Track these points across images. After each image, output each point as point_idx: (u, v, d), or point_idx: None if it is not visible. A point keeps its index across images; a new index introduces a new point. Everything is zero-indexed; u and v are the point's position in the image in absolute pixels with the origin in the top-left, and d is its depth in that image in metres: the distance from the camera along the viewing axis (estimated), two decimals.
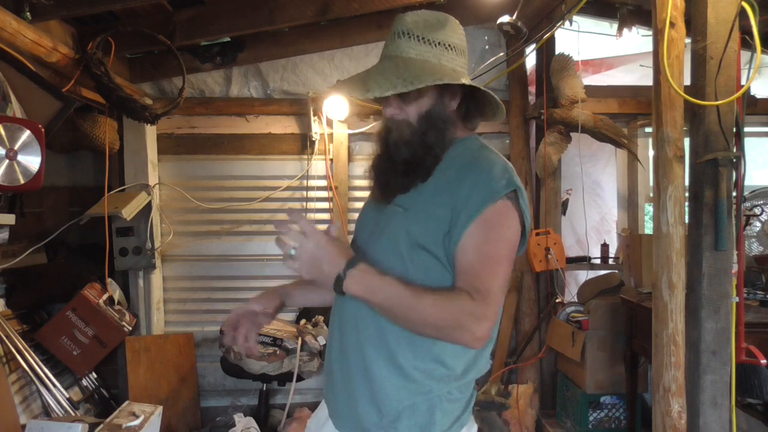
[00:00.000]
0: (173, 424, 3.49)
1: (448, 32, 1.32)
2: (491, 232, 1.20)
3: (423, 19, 1.31)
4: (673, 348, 2.11)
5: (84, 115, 3.24)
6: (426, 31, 1.29)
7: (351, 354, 1.31)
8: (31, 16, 2.39)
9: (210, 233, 3.77)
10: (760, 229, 3.44)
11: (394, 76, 1.22)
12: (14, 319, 3.19)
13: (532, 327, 3.66)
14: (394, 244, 1.26)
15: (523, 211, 1.25)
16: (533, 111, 3.57)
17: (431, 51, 1.28)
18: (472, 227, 1.19)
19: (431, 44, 1.28)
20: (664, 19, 2.08)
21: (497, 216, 1.20)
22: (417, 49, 1.27)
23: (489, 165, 1.27)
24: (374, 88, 1.21)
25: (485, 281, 1.15)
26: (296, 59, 3.69)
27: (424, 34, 1.28)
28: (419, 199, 1.28)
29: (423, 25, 1.29)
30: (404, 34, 1.28)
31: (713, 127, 2.00)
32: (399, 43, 1.28)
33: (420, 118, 1.28)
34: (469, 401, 1.33)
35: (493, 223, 1.20)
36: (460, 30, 1.36)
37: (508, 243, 1.22)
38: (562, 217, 3.77)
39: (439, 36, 1.30)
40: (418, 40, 1.28)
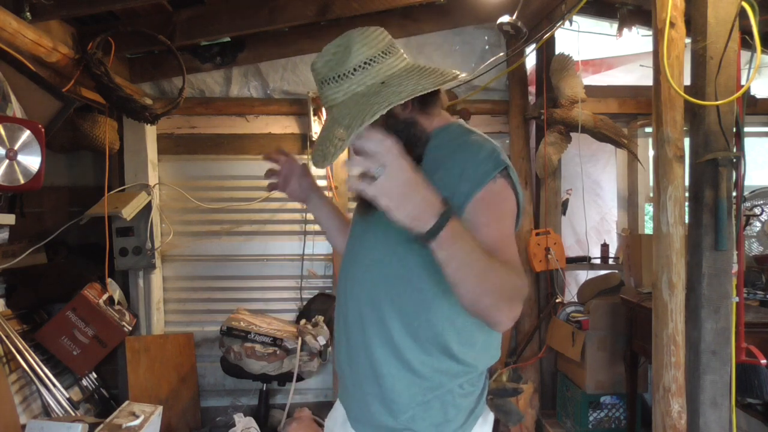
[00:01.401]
0: (173, 424, 3.49)
1: (355, 52, 1.23)
2: (493, 211, 1.18)
3: (330, 55, 1.26)
4: (673, 348, 2.11)
5: (84, 115, 3.24)
6: (337, 66, 1.24)
7: (359, 355, 1.31)
8: (31, 16, 2.39)
9: (210, 233, 3.77)
10: (760, 229, 3.44)
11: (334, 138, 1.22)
12: (14, 319, 3.19)
13: (532, 327, 3.66)
14: (388, 241, 1.25)
15: (516, 187, 1.23)
16: (533, 111, 3.57)
17: (354, 80, 1.23)
18: (471, 209, 1.17)
19: (349, 76, 1.23)
20: (664, 19, 2.08)
21: (495, 195, 1.19)
22: (341, 88, 1.23)
23: (476, 147, 1.23)
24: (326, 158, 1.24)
25: (508, 253, 1.14)
26: (296, 59, 3.69)
27: (338, 71, 1.23)
28: None
29: (333, 62, 1.25)
30: (324, 82, 1.25)
31: (713, 127, 2.00)
32: (325, 92, 1.26)
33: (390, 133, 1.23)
34: (482, 393, 1.31)
35: (492, 203, 1.18)
36: (368, 34, 1.25)
37: (510, 221, 1.22)
38: (562, 217, 3.77)
39: (351, 62, 1.23)
40: (336, 81, 1.23)
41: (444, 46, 3.74)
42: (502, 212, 1.20)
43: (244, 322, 3.21)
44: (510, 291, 1.07)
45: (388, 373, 1.26)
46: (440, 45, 3.73)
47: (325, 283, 3.80)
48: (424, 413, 1.25)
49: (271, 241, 3.79)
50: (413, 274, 1.22)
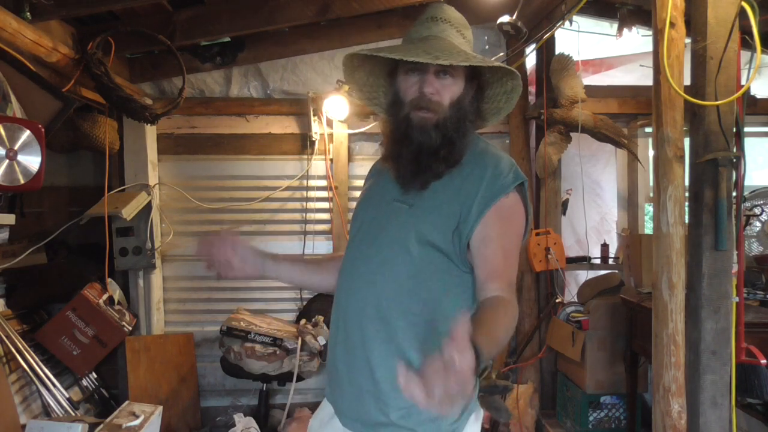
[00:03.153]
0: (173, 424, 3.49)
1: (470, 34, 1.37)
2: (506, 225, 1.25)
3: (458, 16, 1.35)
4: (673, 348, 2.11)
5: (84, 115, 3.24)
6: (462, 27, 1.33)
7: (357, 352, 1.32)
8: (31, 16, 2.39)
9: (210, 233, 3.76)
10: (760, 229, 3.44)
11: (454, 50, 1.22)
12: (14, 319, 3.19)
13: (532, 327, 3.66)
14: (401, 241, 1.27)
15: (527, 203, 1.31)
16: (533, 111, 3.57)
17: (467, 45, 1.32)
18: (487, 219, 1.23)
19: (466, 40, 1.33)
20: (664, 19, 2.08)
21: (508, 209, 1.26)
22: (458, 39, 1.29)
23: (496, 160, 1.30)
24: (444, 57, 1.18)
25: (509, 275, 1.22)
26: (296, 59, 3.69)
27: (461, 30, 1.32)
28: (426, 195, 1.29)
29: (460, 21, 1.34)
30: (446, 21, 1.30)
31: (713, 127, 2.00)
32: (444, 27, 1.29)
33: (452, 104, 1.28)
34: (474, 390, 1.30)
35: (506, 216, 1.25)
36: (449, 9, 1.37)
37: (519, 236, 1.29)
38: (562, 217, 3.77)
39: (468, 35, 1.35)
40: (458, 32, 1.31)
41: None
42: (512, 227, 1.27)
43: (244, 322, 3.21)
44: (513, 325, 1.17)
45: (387, 372, 1.26)
46: None
47: None
48: (420, 410, 1.22)
49: (271, 241, 3.79)
50: (424, 275, 1.25)
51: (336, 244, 3.72)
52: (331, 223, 3.73)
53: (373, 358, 1.28)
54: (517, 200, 1.28)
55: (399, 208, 1.31)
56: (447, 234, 1.24)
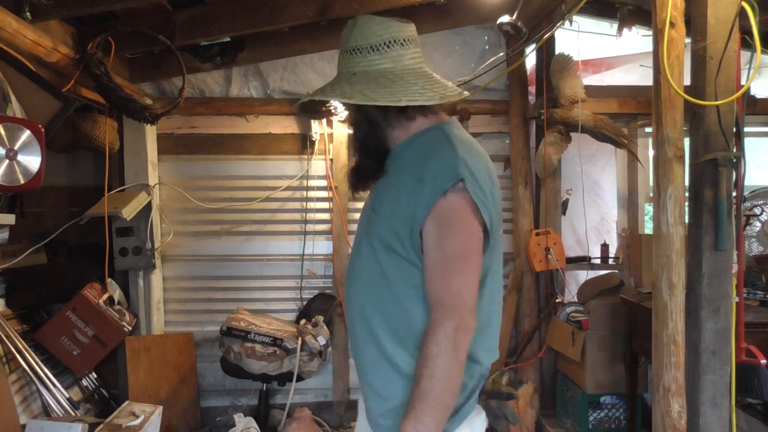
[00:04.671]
0: (173, 424, 3.49)
1: (351, 37, 1.29)
2: (446, 228, 1.20)
3: (344, 29, 1.32)
4: (673, 348, 2.11)
5: (84, 115, 3.24)
6: (343, 42, 1.30)
7: (357, 350, 1.39)
8: (31, 16, 2.39)
9: (210, 233, 3.77)
10: (760, 229, 3.44)
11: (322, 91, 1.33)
12: (14, 319, 3.19)
13: (532, 327, 3.66)
14: (368, 244, 1.32)
15: (475, 200, 1.21)
16: (533, 111, 3.57)
17: (341, 60, 1.31)
18: (427, 225, 1.21)
19: (342, 54, 1.31)
20: (664, 19, 2.08)
21: (446, 212, 1.20)
22: (340, 63, 1.32)
23: (437, 159, 1.25)
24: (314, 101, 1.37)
25: (447, 286, 1.20)
26: (296, 59, 3.69)
27: (342, 46, 1.31)
28: (384, 201, 1.31)
29: (342, 37, 1.31)
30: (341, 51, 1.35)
31: (713, 127, 2.00)
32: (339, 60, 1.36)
33: (353, 126, 1.37)
34: (472, 391, 1.33)
35: (446, 219, 1.20)
36: (370, 25, 1.28)
37: (466, 236, 1.22)
38: (562, 217, 3.77)
39: (345, 44, 1.30)
40: (341, 54, 1.32)
41: (444, 46, 3.74)
42: (455, 230, 1.21)
43: (244, 322, 3.21)
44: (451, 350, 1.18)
45: (378, 372, 1.32)
46: (440, 45, 3.73)
47: (325, 283, 3.80)
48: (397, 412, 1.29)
49: (271, 241, 3.79)
50: (392, 281, 1.28)
51: (336, 244, 3.72)
52: (331, 223, 3.73)
53: (367, 361, 1.35)
54: (457, 200, 1.20)
55: (369, 214, 1.36)
56: (404, 239, 1.25)
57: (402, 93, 1.24)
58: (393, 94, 1.23)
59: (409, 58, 1.29)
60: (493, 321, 1.37)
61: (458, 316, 1.19)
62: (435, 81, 1.31)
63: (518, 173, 3.72)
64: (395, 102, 1.23)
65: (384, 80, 1.25)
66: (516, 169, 3.73)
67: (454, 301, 1.19)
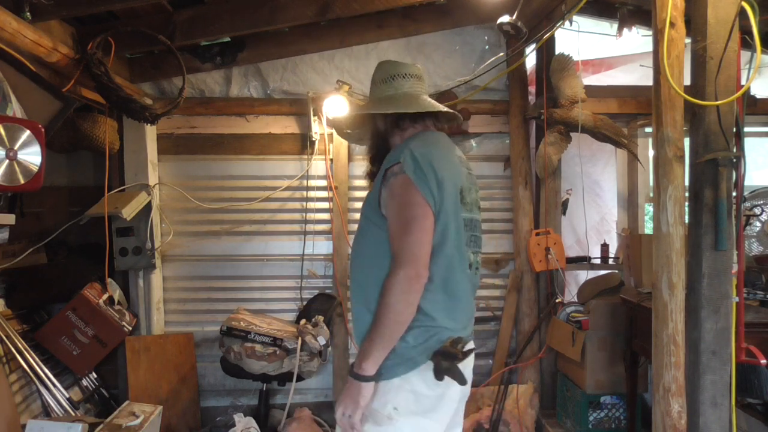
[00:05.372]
0: (173, 424, 3.49)
1: (375, 72, 1.83)
2: (395, 201, 1.59)
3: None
4: (673, 348, 2.11)
5: (84, 115, 3.24)
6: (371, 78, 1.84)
7: (352, 300, 1.75)
8: (31, 16, 2.39)
9: (210, 233, 3.77)
10: (760, 229, 3.44)
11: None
12: (14, 319, 3.19)
13: (532, 327, 3.66)
14: (364, 224, 1.72)
15: (411, 177, 1.56)
16: (533, 111, 3.57)
17: (370, 92, 1.85)
18: (382, 200, 1.62)
19: (370, 86, 1.85)
20: (664, 19, 2.08)
21: (394, 188, 1.59)
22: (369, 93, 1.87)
23: (394, 151, 1.68)
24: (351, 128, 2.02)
25: (400, 244, 1.54)
26: (296, 59, 3.69)
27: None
28: (371, 187, 1.73)
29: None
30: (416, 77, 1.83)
31: (713, 127, 2.00)
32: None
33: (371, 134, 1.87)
34: (429, 348, 1.58)
35: (394, 194, 1.59)
36: (380, 66, 1.83)
37: (408, 205, 1.56)
38: (562, 217, 3.77)
39: (372, 78, 1.84)
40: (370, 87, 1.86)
41: (444, 46, 3.74)
42: (400, 203, 1.57)
43: (244, 322, 3.21)
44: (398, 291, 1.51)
45: (359, 315, 1.68)
46: (440, 45, 3.73)
47: (325, 283, 3.80)
48: None
49: (271, 241, 3.79)
50: (373, 245, 1.64)
51: (336, 244, 3.72)
52: (332, 223, 3.73)
53: (353, 298, 1.74)
54: (402, 179, 1.57)
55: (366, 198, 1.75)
56: (377, 212, 1.63)
57: (393, 107, 1.73)
58: (387, 108, 1.74)
59: (407, 87, 1.77)
60: (461, 298, 1.65)
61: (408, 265, 1.51)
62: (423, 100, 1.75)
63: (518, 173, 3.72)
64: (385, 110, 1.74)
65: (387, 101, 1.76)
66: (516, 169, 3.73)
67: (405, 254, 1.52)
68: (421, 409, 1.58)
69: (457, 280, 1.62)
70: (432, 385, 1.57)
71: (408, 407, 1.57)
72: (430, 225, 1.55)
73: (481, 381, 3.69)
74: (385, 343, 1.53)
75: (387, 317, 1.51)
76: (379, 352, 1.53)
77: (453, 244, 1.60)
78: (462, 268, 1.64)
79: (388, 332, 1.52)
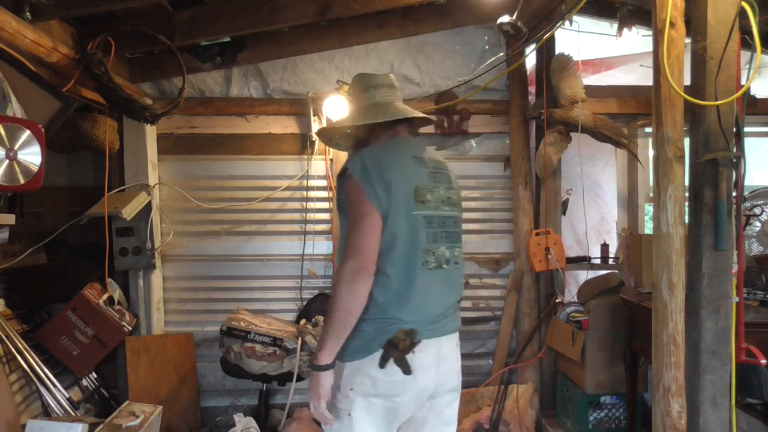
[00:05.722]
0: (173, 424, 3.49)
1: (351, 84, 1.98)
2: (345, 202, 1.75)
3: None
4: (673, 348, 2.11)
5: (84, 115, 3.24)
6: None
7: None
8: (31, 16, 2.39)
9: (210, 233, 3.77)
10: (760, 229, 3.44)
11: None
12: (14, 319, 3.19)
13: (532, 327, 3.66)
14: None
15: (358, 180, 1.70)
16: (533, 111, 3.57)
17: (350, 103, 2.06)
18: (340, 201, 1.80)
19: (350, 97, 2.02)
20: (664, 19, 2.08)
21: (345, 190, 1.76)
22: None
23: (350, 156, 1.84)
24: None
25: (348, 240, 1.70)
26: (296, 59, 3.69)
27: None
28: None
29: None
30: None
31: (713, 127, 2.00)
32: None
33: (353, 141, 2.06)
34: (384, 339, 1.69)
35: (345, 196, 1.76)
36: (361, 77, 1.95)
37: (356, 206, 1.71)
38: (562, 217, 3.77)
39: (349, 91, 2.01)
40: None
41: (444, 46, 3.74)
42: (349, 204, 1.74)
43: (244, 322, 3.21)
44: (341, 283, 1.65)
45: None
46: (440, 45, 3.73)
47: (325, 283, 3.80)
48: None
49: (271, 241, 3.79)
50: (340, 250, 1.76)
51: (336, 244, 3.72)
52: (332, 223, 3.73)
53: None
54: (350, 183, 1.72)
55: None
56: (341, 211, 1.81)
57: (365, 118, 1.87)
58: (359, 119, 1.89)
59: (379, 97, 1.89)
60: (422, 292, 1.72)
61: (352, 259, 1.65)
62: (394, 108, 1.87)
63: (518, 173, 3.72)
64: (356, 122, 1.90)
65: (361, 112, 1.90)
66: (516, 169, 3.73)
67: (350, 249, 1.67)
68: (376, 391, 1.71)
69: (414, 275, 1.71)
70: (390, 372, 1.69)
71: (363, 389, 1.71)
72: (373, 223, 1.68)
73: (481, 381, 3.69)
74: (335, 332, 1.67)
75: (334, 307, 1.66)
76: (331, 341, 1.67)
77: (406, 241, 1.70)
78: (420, 264, 1.72)
79: (336, 321, 1.66)
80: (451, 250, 1.82)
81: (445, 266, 1.78)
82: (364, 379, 1.70)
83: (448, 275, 1.80)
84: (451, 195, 1.87)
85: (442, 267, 1.78)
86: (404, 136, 1.91)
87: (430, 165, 1.84)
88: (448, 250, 1.81)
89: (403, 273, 1.70)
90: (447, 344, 1.82)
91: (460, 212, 1.93)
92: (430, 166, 1.84)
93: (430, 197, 1.78)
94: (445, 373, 1.80)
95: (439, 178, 1.85)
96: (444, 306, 1.81)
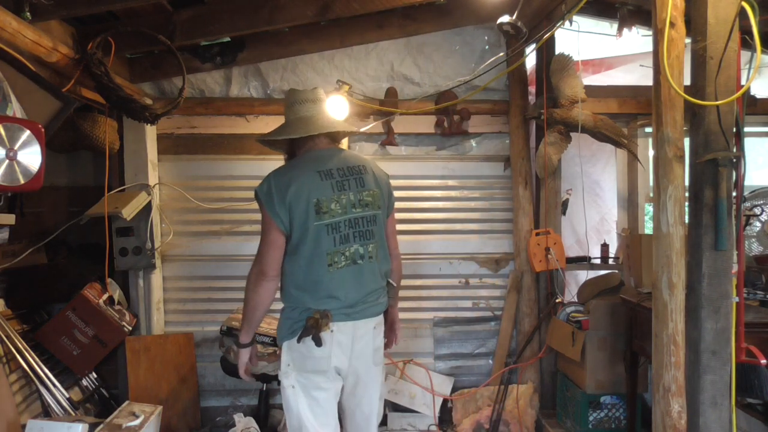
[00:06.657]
0: (173, 424, 3.49)
1: (284, 99, 2.25)
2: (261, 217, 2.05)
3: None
4: (673, 348, 2.11)
5: (84, 115, 3.24)
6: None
7: None
8: (31, 16, 2.39)
9: (210, 233, 3.77)
10: (760, 229, 3.44)
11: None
12: (14, 319, 3.19)
13: (532, 327, 3.66)
14: None
15: (263, 200, 2.03)
16: (533, 111, 3.57)
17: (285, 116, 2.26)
18: None
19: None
20: (664, 19, 2.08)
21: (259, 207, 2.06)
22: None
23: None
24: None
25: (257, 249, 2.07)
26: (296, 59, 3.69)
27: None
28: None
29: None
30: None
31: (713, 127, 2.00)
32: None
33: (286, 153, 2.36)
34: (301, 323, 2.03)
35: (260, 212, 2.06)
36: (290, 93, 2.22)
37: (263, 224, 2.04)
38: (562, 217, 3.77)
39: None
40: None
41: (444, 46, 3.74)
42: (261, 219, 2.04)
43: None
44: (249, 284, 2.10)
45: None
46: (440, 45, 3.73)
47: None
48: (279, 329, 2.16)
49: None
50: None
51: None
52: None
53: None
54: (259, 202, 2.05)
55: None
56: None
57: (284, 133, 2.14)
58: (280, 133, 2.16)
59: (304, 112, 2.13)
60: (326, 283, 2.01)
61: (257, 266, 2.05)
62: (314, 122, 2.10)
63: (518, 173, 3.72)
64: (276, 137, 2.19)
65: (286, 126, 2.17)
66: (516, 169, 3.73)
67: (257, 258, 2.06)
68: (305, 365, 2.05)
69: (320, 274, 2.01)
70: (309, 346, 2.01)
71: (296, 363, 2.06)
72: (275, 238, 2.01)
73: (481, 381, 3.69)
74: (247, 321, 2.13)
75: (245, 302, 2.10)
76: (246, 326, 2.15)
77: (310, 248, 2.00)
78: (325, 265, 2.01)
79: (246, 313, 2.12)
80: (365, 247, 2.07)
81: (359, 261, 2.06)
82: (295, 355, 2.06)
83: (360, 270, 2.06)
84: (363, 197, 2.07)
85: (356, 263, 2.05)
86: (321, 148, 2.14)
87: (338, 175, 2.06)
88: (362, 247, 2.06)
89: (310, 273, 2.02)
90: (363, 327, 2.09)
91: (377, 209, 2.11)
92: (337, 176, 2.05)
93: (335, 206, 2.02)
94: (359, 349, 2.08)
95: (348, 184, 2.06)
96: (360, 295, 2.06)
